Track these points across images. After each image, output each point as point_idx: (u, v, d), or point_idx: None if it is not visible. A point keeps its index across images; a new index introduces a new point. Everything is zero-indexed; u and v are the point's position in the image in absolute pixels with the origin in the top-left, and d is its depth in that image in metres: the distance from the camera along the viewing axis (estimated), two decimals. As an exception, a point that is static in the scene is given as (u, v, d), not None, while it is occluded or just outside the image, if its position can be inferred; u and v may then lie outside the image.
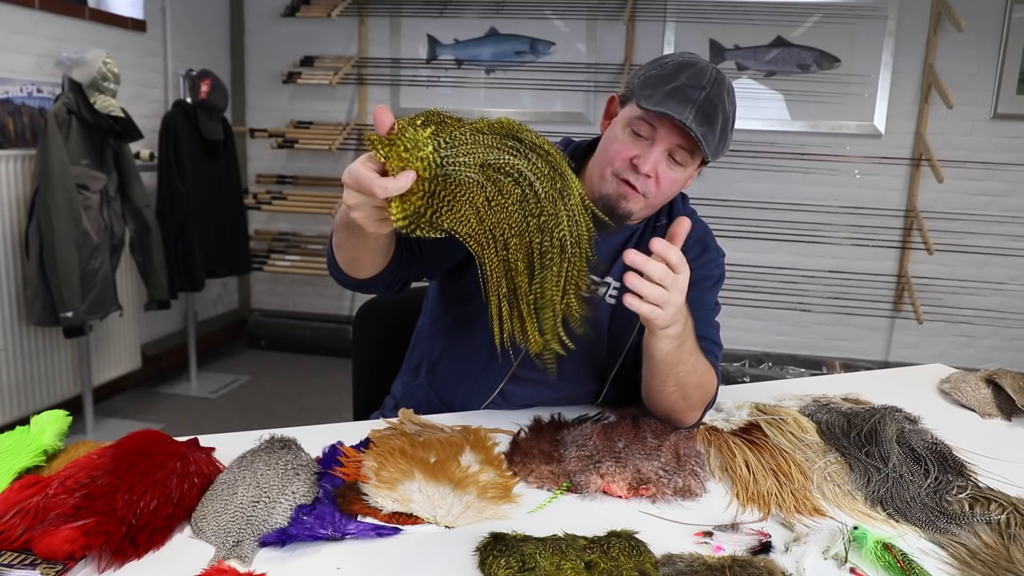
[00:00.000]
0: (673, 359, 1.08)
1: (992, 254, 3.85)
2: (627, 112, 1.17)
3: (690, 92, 1.11)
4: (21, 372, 2.91)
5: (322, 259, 4.22)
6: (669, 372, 1.09)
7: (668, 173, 1.16)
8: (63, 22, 3.14)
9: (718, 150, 1.15)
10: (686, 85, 1.11)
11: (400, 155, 0.85)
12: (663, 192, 1.17)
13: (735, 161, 3.86)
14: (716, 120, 1.12)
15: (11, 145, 2.90)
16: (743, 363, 4.07)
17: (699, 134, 1.10)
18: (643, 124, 1.14)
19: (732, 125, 1.18)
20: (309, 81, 4.16)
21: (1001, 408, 1.38)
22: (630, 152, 1.15)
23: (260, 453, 1.02)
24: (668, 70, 1.14)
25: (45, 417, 1.07)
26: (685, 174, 1.18)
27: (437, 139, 0.88)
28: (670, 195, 1.21)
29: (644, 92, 1.13)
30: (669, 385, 1.11)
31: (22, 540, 0.82)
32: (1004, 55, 3.72)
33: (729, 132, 1.17)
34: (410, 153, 0.85)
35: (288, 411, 3.52)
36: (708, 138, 1.11)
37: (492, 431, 1.19)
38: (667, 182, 1.16)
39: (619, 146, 1.16)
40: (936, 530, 0.93)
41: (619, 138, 1.16)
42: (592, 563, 0.81)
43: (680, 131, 1.12)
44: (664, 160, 1.15)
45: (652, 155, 1.14)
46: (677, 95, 1.11)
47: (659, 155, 1.14)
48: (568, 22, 4.05)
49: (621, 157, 1.15)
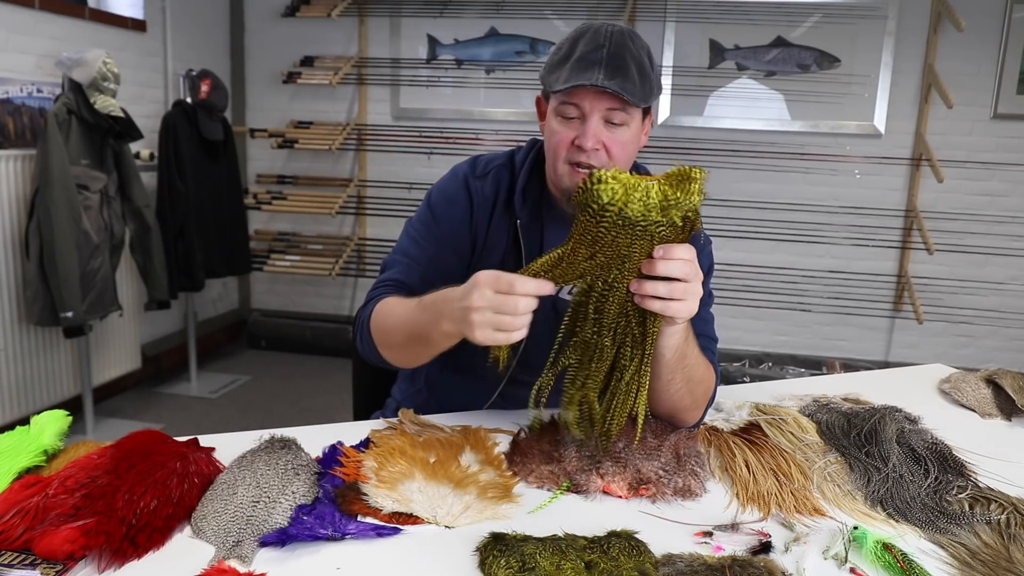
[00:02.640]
0: (681, 353, 1.07)
1: (992, 254, 3.85)
2: (551, 104, 1.19)
3: (592, 55, 1.12)
4: (21, 372, 2.91)
5: (322, 259, 4.23)
6: (677, 367, 1.08)
7: (614, 137, 1.15)
8: (63, 22, 3.14)
9: (647, 92, 1.15)
10: (586, 52, 1.13)
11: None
12: (618, 158, 1.16)
13: (735, 161, 3.86)
14: (628, 67, 1.12)
15: (11, 145, 2.90)
16: (743, 363, 4.07)
17: (617, 87, 1.10)
18: (567, 107, 1.15)
19: (651, 65, 1.17)
20: (309, 81, 4.16)
21: (1001, 408, 1.38)
22: (568, 136, 1.16)
23: (260, 453, 1.02)
24: (565, 48, 1.16)
25: (45, 417, 1.07)
26: (631, 131, 1.17)
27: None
28: (629, 157, 1.20)
29: (552, 78, 1.16)
30: (677, 382, 1.10)
31: (22, 540, 0.82)
32: (1004, 55, 3.72)
33: (650, 72, 1.16)
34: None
35: (288, 411, 3.52)
36: (628, 87, 1.11)
37: (492, 431, 1.19)
38: (618, 146, 1.16)
39: (557, 136, 1.17)
40: (936, 530, 0.93)
41: (555, 129, 1.17)
42: (592, 563, 0.81)
43: (602, 94, 1.12)
44: (603, 128, 1.15)
45: (589, 128, 1.14)
46: (581, 64, 1.12)
47: (596, 126, 1.14)
48: (568, 22, 4.04)
49: (563, 144, 1.16)
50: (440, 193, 1.31)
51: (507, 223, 1.28)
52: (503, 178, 1.30)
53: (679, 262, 0.93)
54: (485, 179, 1.30)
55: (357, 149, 4.28)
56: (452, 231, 1.28)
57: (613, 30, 1.15)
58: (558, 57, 1.17)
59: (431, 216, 1.29)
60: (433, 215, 1.29)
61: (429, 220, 1.29)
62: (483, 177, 1.30)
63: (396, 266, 1.28)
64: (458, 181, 1.30)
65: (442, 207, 1.29)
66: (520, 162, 1.31)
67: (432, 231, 1.28)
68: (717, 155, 3.88)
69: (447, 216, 1.28)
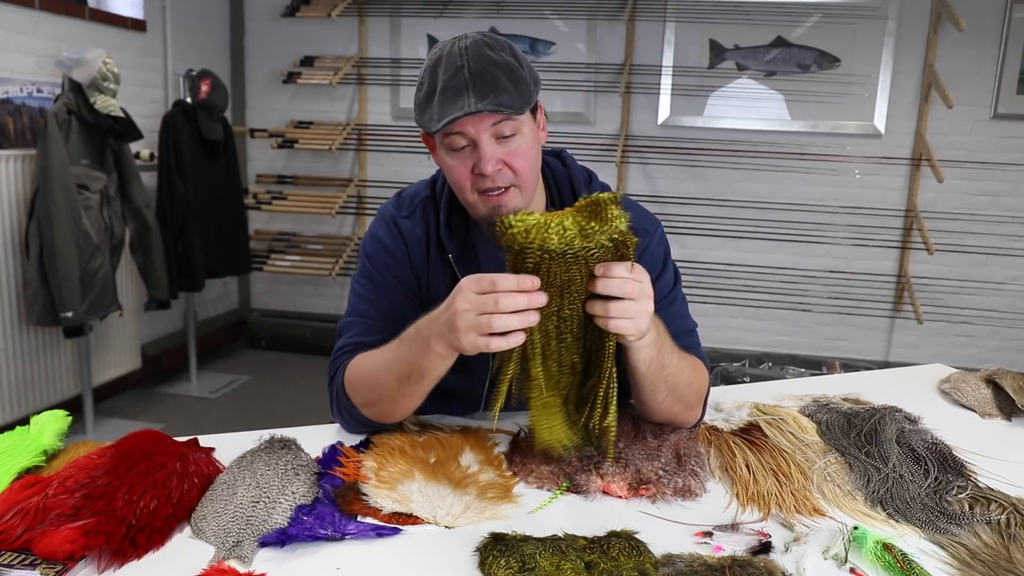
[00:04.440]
0: (658, 365, 1.05)
1: (992, 254, 3.85)
2: (436, 140, 1.13)
3: (455, 82, 1.06)
4: (21, 372, 2.91)
5: (322, 259, 4.22)
6: (658, 379, 1.07)
7: (512, 151, 1.10)
8: (63, 22, 3.14)
9: (525, 95, 1.08)
10: (448, 79, 1.06)
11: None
12: (522, 169, 1.11)
13: (735, 161, 3.86)
14: (496, 79, 1.06)
15: (11, 145, 2.90)
16: (743, 363, 4.07)
17: (493, 105, 1.04)
18: (452, 138, 1.09)
19: (519, 63, 1.11)
20: (309, 81, 4.16)
21: (1001, 408, 1.37)
22: (467, 167, 1.10)
23: (260, 453, 1.02)
24: (427, 83, 1.10)
25: (45, 417, 1.07)
26: (526, 137, 1.11)
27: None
28: (533, 162, 1.14)
29: (425, 118, 1.10)
30: (660, 392, 1.09)
31: (22, 540, 0.82)
32: (1004, 55, 3.72)
33: (520, 70, 1.09)
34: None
35: (288, 411, 3.52)
36: (504, 99, 1.05)
37: (492, 431, 1.19)
38: (518, 159, 1.10)
39: (456, 171, 1.12)
40: (936, 530, 0.93)
41: (450, 164, 1.13)
42: (592, 563, 0.81)
43: (482, 115, 1.06)
44: (497, 147, 1.09)
45: (484, 153, 1.08)
46: (448, 94, 1.06)
47: (489, 147, 1.08)
48: (568, 22, 4.05)
49: (465, 177, 1.11)
50: (374, 242, 1.25)
51: (443, 258, 1.24)
52: (429, 213, 1.25)
53: (617, 281, 0.92)
54: (413, 217, 1.25)
55: (357, 149, 4.28)
56: (395, 278, 1.23)
57: (467, 44, 1.08)
58: (423, 94, 1.10)
59: (371, 267, 1.24)
60: (373, 266, 1.24)
61: (371, 272, 1.24)
62: (410, 216, 1.25)
63: (352, 328, 1.22)
64: (387, 224, 1.25)
65: (380, 257, 1.24)
66: (440, 191, 1.25)
67: (377, 283, 1.23)
68: (717, 155, 3.88)
69: (385, 264, 1.23)
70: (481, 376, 1.27)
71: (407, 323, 1.19)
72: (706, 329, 1.17)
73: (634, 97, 4.01)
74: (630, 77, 3.93)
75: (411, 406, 1.12)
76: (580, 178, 1.27)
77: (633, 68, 3.95)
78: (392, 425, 1.19)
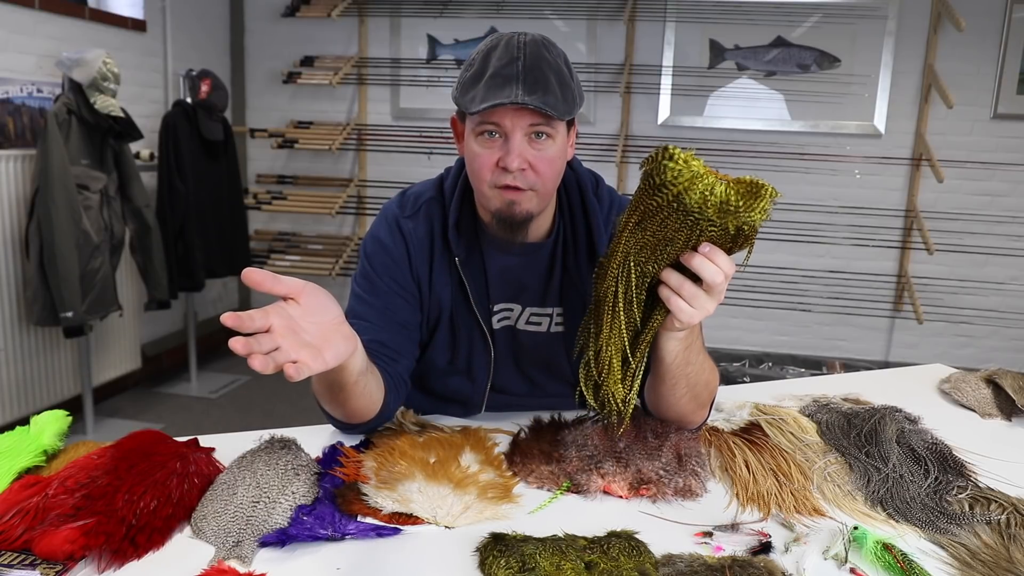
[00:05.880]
0: (683, 360, 1.05)
1: (992, 254, 3.85)
2: (468, 124, 1.12)
3: (507, 70, 1.05)
4: (21, 372, 2.91)
5: (323, 259, 4.23)
6: (680, 375, 1.06)
7: (540, 155, 1.10)
8: (63, 22, 3.14)
9: (570, 104, 1.09)
10: (500, 67, 1.06)
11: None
12: (546, 175, 1.11)
13: (735, 161, 3.86)
14: (547, 79, 1.06)
15: (11, 145, 2.90)
16: (743, 363, 4.07)
17: (539, 103, 1.04)
18: (487, 125, 1.09)
19: (570, 73, 1.11)
20: (309, 81, 4.16)
21: (1001, 408, 1.37)
22: (492, 158, 1.10)
23: (260, 453, 1.02)
24: (477, 64, 1.09)
25: (45, 417, 1.07)
26: (556, 145, 1.11)
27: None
28: (557, 173, 1.14)
29: (467, 98, 1.09)
30: (680, 388, 1.08)
31: (22, 540, 0.82)
32: (1004, 55, 3.72)
33: (570, 80, 1.10)
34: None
35: (288, 411, 3.52)
36: (550, 100, 1.05)
37: (492, 431, 1.19)
38: (544, 163, 1.10)
39: (480, 159, 1.11)
40: (936, 530, 0.93)
41: (476, 152, 1.11)
42: (592, 563, 0.81)
43: (522, 111, 1.06)
44: (527, 146, 1.09)
45: (513, 148, 1.08)
46: (497, 80, 1.05)
47: (519, 144, 1.08)
48: (568, 22, 4.05)
49: (488, 167, 1.10)
50: (374, 242, 1.23)
51: (448, 260, 1.22)
52: (435, 213, 1.23)
53: (713, 268, 0.89)
54: (416, 217, 1.23)
55: (357, 149, 4.28)
56: (394, 280, 1.21)
57: (526, 40, 1.08)
58: (470, 74, 1.09)
59: (370, 268, 1.22)
60: (372, 267, 1.21)
61: (370, 273, 1.21)
62: (414, 216, 1.23)
63: None
64: (389, 224, 1.23)
65: (379, 258, 1.21)
66: (449, 192, 1.24)
67: (375, 284, 1.21)
68: (717, 155, 3.88)
69: (384, 266, 1.21)
70: (482, 381, 1.28)
71: (403, 326, 1.19)
72: (706, 329, 1.16)
73: (634, 97, 4.01)
74: (630, 77, 3.93)
75: (363, 405, 1.08)
76: (587, 181, 1.27)
77: (633, 68, 3.95)
78: (390, 424, 1.19)
